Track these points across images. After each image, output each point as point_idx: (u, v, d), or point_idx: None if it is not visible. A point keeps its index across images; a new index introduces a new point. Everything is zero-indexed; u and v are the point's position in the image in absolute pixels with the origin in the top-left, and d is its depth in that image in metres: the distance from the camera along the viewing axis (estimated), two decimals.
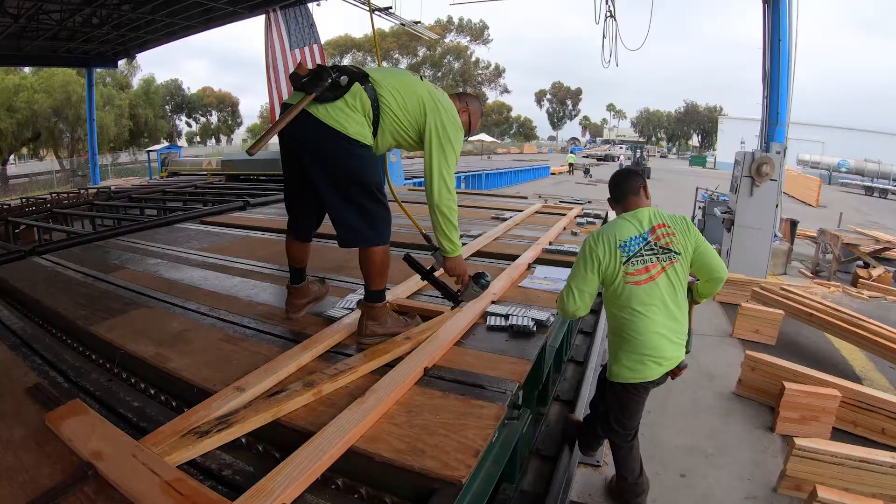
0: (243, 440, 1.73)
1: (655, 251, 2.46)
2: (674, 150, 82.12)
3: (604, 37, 11.44)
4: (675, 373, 2.54)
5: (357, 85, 2.24)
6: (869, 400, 3.66)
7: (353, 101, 2.22)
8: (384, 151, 2.45)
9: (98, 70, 22.58)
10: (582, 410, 3.48)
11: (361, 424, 1.68)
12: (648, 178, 32.50)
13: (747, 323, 5.69)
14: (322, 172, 2.26)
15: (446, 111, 2.40)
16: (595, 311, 5.52)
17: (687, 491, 3.12)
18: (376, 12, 14.83)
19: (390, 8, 14.81)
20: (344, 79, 2.20)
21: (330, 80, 2.17)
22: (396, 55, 62.26)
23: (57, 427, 1.69)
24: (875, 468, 2.90)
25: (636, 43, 11.27)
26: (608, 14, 11.32)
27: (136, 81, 41.35)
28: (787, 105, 8.37)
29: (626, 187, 2.63)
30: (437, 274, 2.69)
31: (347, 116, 2.20)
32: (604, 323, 5.03)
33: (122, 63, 23.47)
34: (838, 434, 3.67)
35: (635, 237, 2.48)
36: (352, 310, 2.73)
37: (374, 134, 2.31)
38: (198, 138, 57.56)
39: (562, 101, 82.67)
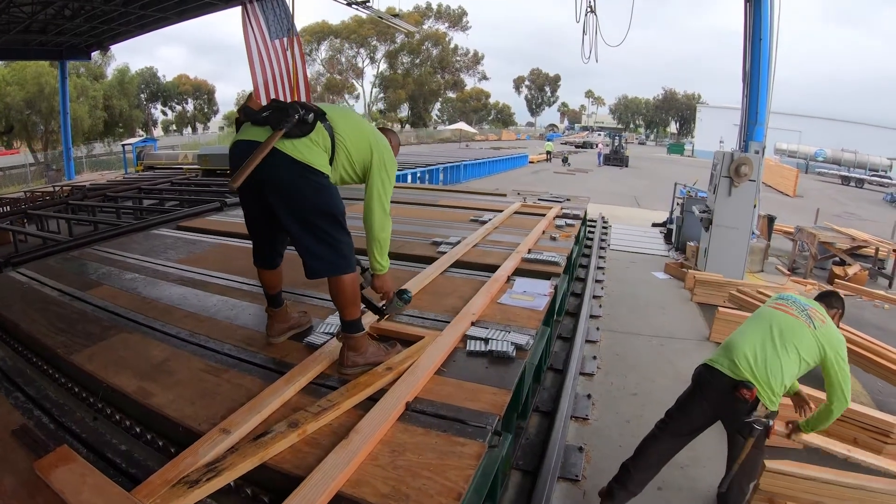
0: (232, 484, 1.76)
1: (803, 311, 2.89)
2: (652, 136, 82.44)
3: (584, 33, 11.41)
4: (742, 393, 2.69)
5: (319, 122, 2.34)
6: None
7: (317, 138, 2.32)
8: None
9: (71, 61, 22.23)
10: (562, 420, 3.54)
11: (346, 469, 1.72)
12: (626, 166, 32.83)
13: (724, 327, 5.72)
14: (289, 205, 2.30)
15: (385, 148, 2.63)
16: (573, 315, 5.62)
17: None
18: (353, 5, 14.70)
19: (368, 1, 14.66)
20: (311, 116, 2.30)
21: (297, 117, 2.25)
22: (374, 42, 61.75)
23: (47, 476, 1.70)
24: (844, 489, 2.99)
25: (616, 35, 11.23)
26: (588, 9, 11.28)
27: (110, 71, 40.40)
28: (767, 104, 8.39)
29: (821, 299, 3.13)
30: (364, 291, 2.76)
31: (311, 151, 2.29)
32: (583, 328, 5.12)
33: (95, 54, 23.09)
34: None
35: (801, 302, 2.97)
36: (332, 334, 2.75)
37: None
38: (174, 127, 56.71)
39: (540, 87, 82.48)
